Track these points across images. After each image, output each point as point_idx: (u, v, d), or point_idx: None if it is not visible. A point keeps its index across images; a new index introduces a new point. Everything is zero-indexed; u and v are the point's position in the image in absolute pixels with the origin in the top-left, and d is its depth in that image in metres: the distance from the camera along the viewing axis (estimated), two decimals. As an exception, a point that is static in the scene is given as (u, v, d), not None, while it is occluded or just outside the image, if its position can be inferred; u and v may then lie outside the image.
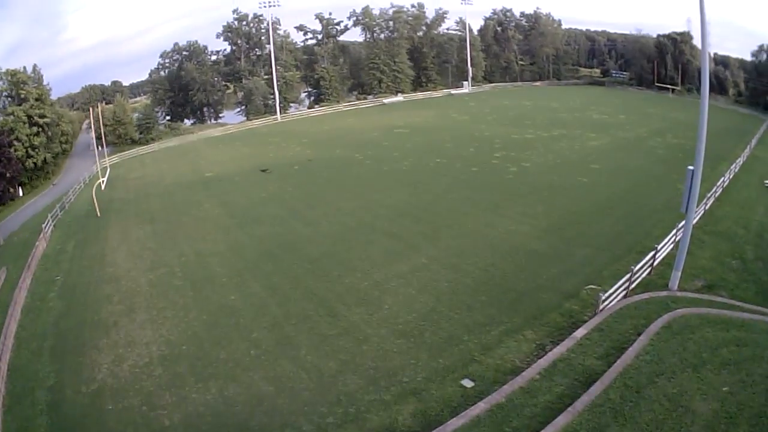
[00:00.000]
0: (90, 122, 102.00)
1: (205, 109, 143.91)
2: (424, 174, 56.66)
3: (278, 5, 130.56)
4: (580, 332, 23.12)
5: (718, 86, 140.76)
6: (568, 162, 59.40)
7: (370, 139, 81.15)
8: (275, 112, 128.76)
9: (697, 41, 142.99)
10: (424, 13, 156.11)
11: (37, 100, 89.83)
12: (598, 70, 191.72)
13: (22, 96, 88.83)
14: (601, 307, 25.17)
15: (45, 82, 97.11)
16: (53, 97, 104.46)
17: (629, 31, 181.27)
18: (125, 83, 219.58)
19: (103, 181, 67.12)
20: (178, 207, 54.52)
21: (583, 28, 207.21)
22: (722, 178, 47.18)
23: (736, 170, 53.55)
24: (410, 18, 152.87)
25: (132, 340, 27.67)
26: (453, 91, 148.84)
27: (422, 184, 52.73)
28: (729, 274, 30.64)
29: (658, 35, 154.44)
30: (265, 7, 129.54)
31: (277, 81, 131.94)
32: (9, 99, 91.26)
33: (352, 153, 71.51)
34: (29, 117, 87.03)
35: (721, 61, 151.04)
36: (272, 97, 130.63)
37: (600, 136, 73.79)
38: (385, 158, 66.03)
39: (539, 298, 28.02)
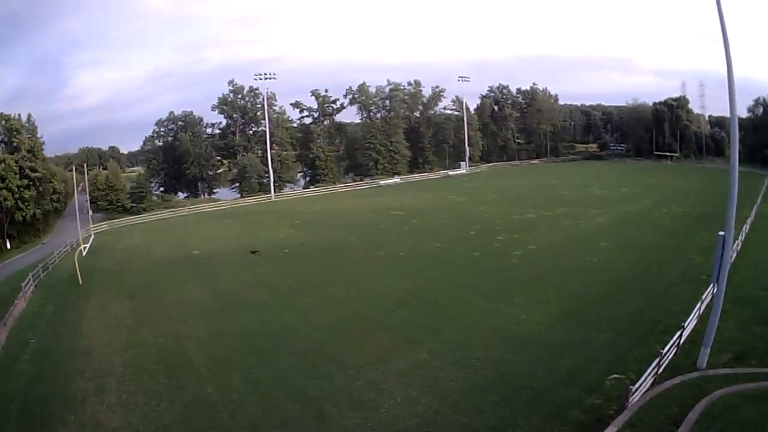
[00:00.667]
0: (84, 185, 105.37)
1: (199, 183, 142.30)
2: (423, 260, 53.02)
3: (274, 78, 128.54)
4: (609, 431, 19.48)
5: (715, 148, 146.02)
6: (575, 241, 56.72)
7: (366, 222, 78.12)
8: (270, 190, 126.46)
9: (692, 105, 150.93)
10: (421, 91, 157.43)
11: (29, 152, 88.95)
12: (594, 145, 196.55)
13: (15, 144, 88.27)
14: (629, 399, 21.52)
15: (39, 135, 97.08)
16: (50, 153, 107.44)
17: (624, 102, 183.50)
18: (122, 150, 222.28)
19: (84, 248, 64.55)
20: (161, 284, 51.40)
21: (578, 103, 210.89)
22: (736, 243, 45.39)
23: (747, 231, 52.98)
24: (407, 96, 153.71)
25: (99, 423, 25.18)
26: (450, 173, 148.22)
27: (421, 271, 48.86)
28: (756, 341, 28.42)
29: (655, 103, 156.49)
30: (260, 79, 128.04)
31: (272, 159, 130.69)
32: (1, 145, 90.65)
33: (346, 236, 67.92)
34: (20, 168, 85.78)
35: (717, 123, 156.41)
36: (267, 175, 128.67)
37: (604, 212, 72.05)
38: (381, 243, 62.34)
39: (558, 395, 24.41)
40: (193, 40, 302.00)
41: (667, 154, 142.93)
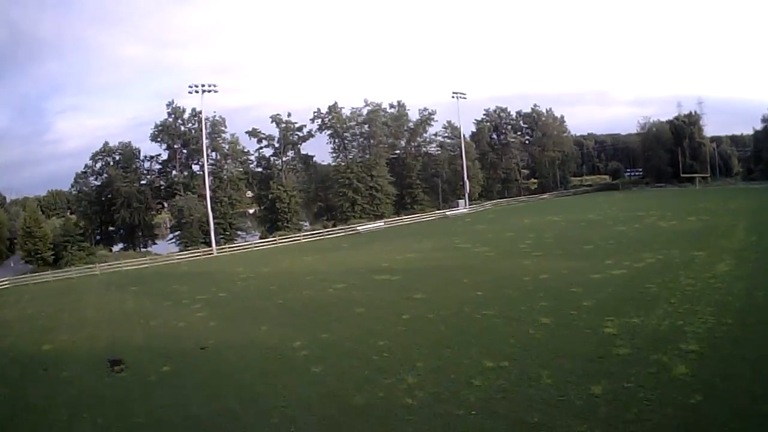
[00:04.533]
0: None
1: (140, 232, 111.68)
2: (468, 419, 20.76)
3: (215, 90, 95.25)
4: None
5: (725, 167, 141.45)
6: (751, 331, 26.49)
7: (331, 300, 44.10)
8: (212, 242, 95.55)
9: (707, 121, 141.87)
10: (407, 114, 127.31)
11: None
12: (604, 176, 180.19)
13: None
14: None
15: None
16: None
17: (608, 131, 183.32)
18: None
19: None
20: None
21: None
22: None
23: None
24: (389, 120, 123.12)
25: None
26: (448, 212, 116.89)
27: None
28: None
29: (670, 121, 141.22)
30: (196, 92, 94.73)
31: (219, 201, 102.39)
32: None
33: (291, 335, 34.51)
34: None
35: (720, 141, 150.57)
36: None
37: (713, 254, 44.74)
38: (358, 356, 29.26)
39: None
40: (171, 87, 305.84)
41: (696, 176, 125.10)
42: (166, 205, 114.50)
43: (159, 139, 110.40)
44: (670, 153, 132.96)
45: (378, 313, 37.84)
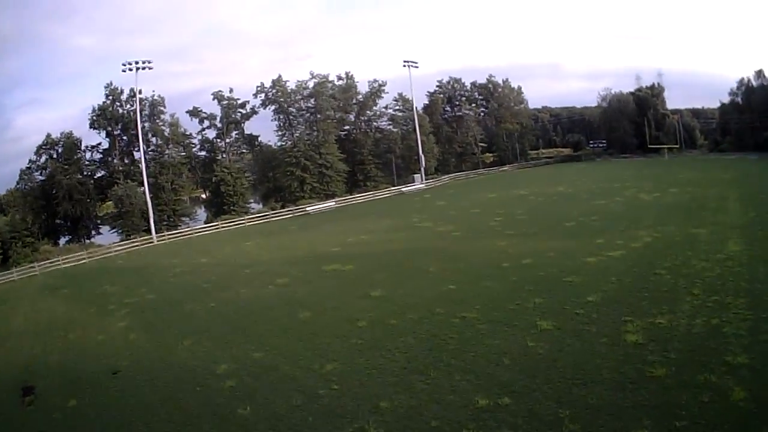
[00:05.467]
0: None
1: (83, 223, 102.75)
2: None
3: (150, 67, 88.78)
4: None
5: (690, 140, 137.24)
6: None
7: (271, 301, 37.41)
8: (153, 231, 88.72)
9: (667, 94, 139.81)
10: (356, 86, 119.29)
11: None
12: (545, 150, 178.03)
13: None
14: None
15: None
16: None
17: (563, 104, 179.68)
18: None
19: None
20: None
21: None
22: None
23: None
24: (336, 91, 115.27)
25: None
26: (404, 188, 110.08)
27: None
28: None
29: (631, 92, 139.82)
30: (130, 69, 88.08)
31: (161, 187, 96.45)
32: None
33: (218, 354, 27.99)
34: None
35: (681, 114, 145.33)
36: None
37: (716, 232, 39.12)
38: (299, 388, 22.04)
39: None
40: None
41: (664, 147, 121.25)
42: (108, 194, 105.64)
43: (97, 125, 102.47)
44: (634, 124, 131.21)
45: (327, 319, 30.80)
